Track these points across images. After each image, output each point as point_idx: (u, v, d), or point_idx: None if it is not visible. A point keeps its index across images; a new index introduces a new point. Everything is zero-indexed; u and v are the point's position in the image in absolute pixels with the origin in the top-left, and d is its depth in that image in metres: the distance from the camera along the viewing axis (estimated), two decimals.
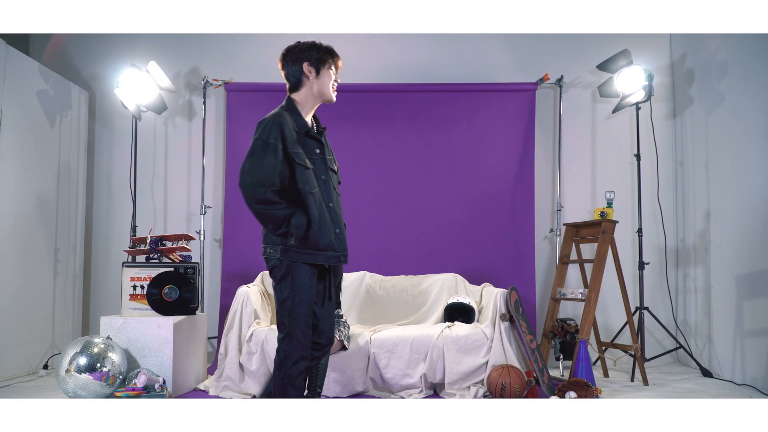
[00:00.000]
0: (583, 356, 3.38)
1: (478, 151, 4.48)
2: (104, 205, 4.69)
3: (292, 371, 2.12)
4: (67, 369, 2.99)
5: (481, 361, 3.37)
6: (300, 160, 2.15)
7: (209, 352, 4.41)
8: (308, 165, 2.18)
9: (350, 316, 3.99)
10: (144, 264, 3.39)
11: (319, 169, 2.24)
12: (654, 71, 4.23)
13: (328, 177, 2.27)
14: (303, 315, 2.14)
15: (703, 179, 4.21)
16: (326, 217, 2.20)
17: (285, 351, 2.13)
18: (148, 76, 4.12)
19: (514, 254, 4.41)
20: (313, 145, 2.25)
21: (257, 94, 4.53)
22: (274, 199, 2.08)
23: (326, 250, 2.19)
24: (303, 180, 2.15)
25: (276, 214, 2.08)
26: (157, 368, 3.19)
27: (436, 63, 4.66)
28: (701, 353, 4.17)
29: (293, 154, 2.14)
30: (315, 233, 2.14)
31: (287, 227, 2.09)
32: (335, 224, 2.23)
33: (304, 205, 2.14)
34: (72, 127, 4.40)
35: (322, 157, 2.26)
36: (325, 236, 2.17)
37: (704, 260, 4.17)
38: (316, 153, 2.24)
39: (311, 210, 2.14)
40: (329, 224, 2.20)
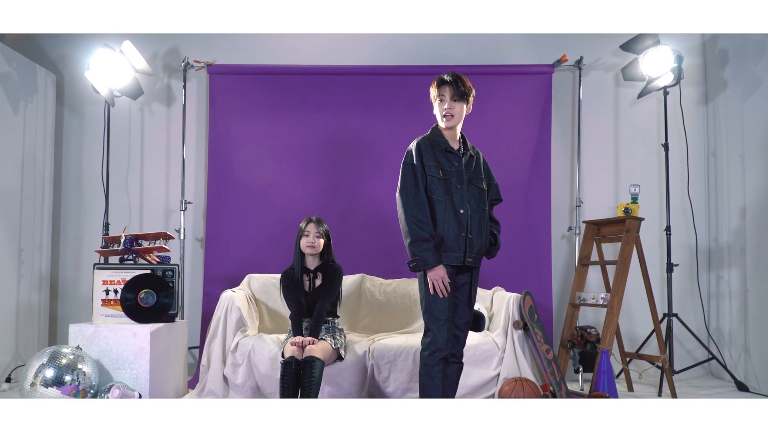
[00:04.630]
0: (605, 368, 3.37)
1: (489, 141, 4.45)
2: (73, 200, 4.67)
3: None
4: (32, 382, 2.98)
5: (491, 374, 3.36)
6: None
7: (190, 364, 4.40)
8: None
9: (346, 323, 3.98)
10: (118, 266, 3.38)
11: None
12: (684, 52, 4.22)
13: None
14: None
15: (738, 172, 4.20)
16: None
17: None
18: (122, 57, 4.10)
19: (528, 255, 4.40)
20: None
21: (243, 78, 4.51)
22: None
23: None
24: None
25: None
26: (132, 381, 3.18)
27: (441, 43, 4.64)
28: (736, 365, 4.16)
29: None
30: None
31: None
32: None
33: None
34: (38, 114, 4.38)
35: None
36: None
37: (740, 262, 4.16)
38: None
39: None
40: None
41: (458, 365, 2.63)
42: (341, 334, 3.35)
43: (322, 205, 4.34)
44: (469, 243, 2.58)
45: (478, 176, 2.70)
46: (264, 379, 3.35)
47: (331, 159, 4.51)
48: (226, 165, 4.48)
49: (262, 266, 4.24)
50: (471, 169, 2.68)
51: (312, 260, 3.38)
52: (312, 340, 3.08)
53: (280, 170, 4.49)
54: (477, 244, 2.61)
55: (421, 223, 2.51)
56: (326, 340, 3.15)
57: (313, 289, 3.33)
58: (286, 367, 2.93)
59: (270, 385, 3.33)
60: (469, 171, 2.66)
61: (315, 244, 3.32)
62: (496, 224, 2.80)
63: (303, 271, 3.37)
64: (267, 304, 3.97)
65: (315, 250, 3.33)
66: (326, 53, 4.60)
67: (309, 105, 4.52)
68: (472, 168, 2.69)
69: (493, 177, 2.82)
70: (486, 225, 2.69)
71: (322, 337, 3.19)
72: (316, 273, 3.36)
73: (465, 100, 2.67)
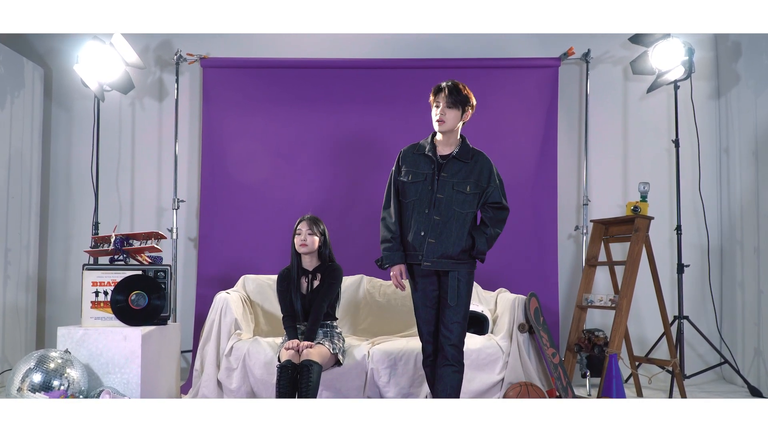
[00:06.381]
0: (614, 373, 3.37)
1: (492, 137, 4.46)
2: (62, 198, 4.67)
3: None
4: (19, 387, 2.98)
5: (495, 378, 3.36)
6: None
7: (183, 368, 4.40)
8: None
9: (345, 326, 3.98)
10: (108, 266, 3.37)
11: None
12: (695, 44, 4.21)
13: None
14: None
15: (751, 169, 4.20)
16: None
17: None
18: (113, 50, 4.10)
19: (533, 255, 4.40)
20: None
21: (238, 71, 4.51)
22: None
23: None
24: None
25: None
26: (122, 386, 3.17)
27: (443, 35, 4.63)
28: (749, 369, 4.16)
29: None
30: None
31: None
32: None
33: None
34: (25, 109, 4.38)
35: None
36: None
37: (753, 262, 4.16)
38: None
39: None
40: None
41: (452, 367, 2.76)
42: (339, 338, 3.35)
43: (319, 203, 4.34)
44: (429, 246, 2.76)
45: (465, 181, 2.81)
46: (259, 383, 3.35)
47: (330, 155, 4.51)
48: (221, 162, 4.48)
49: (258, 267, 4.23)
50: (455, 174, 2.81)
51: (309, 260, 3.37)
52: (309, 344, 3.08)
53: (276, 167, 4.48)
54: (440, 249, 2.75)
55: (388, 225, 2.87)
56: (324, 345, 3.15)
57: (311, 291, 3.32)
58: (282, 372, 2.92)
59: (265, 390, 3.33)
60: (452, 175, 2.80)
61: (308, 242, 3.31)
62: (488, 227, 2.84)
63: (300, 272, 3.36)
64: (263, 306, 3.97)
65: (308, 248, 3.32)
66: (324, 46, 4.60)
67: (307, 100, 4.51)
68: (458, 172, 2.82)
69: (494, 181, 2.86)
70: (462, 230, 2.78)
71: (319, 341, 3.19)
72: (314, 274, 3.35)
73: (459, 108, 2.83)
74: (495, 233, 2.85)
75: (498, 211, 2.86)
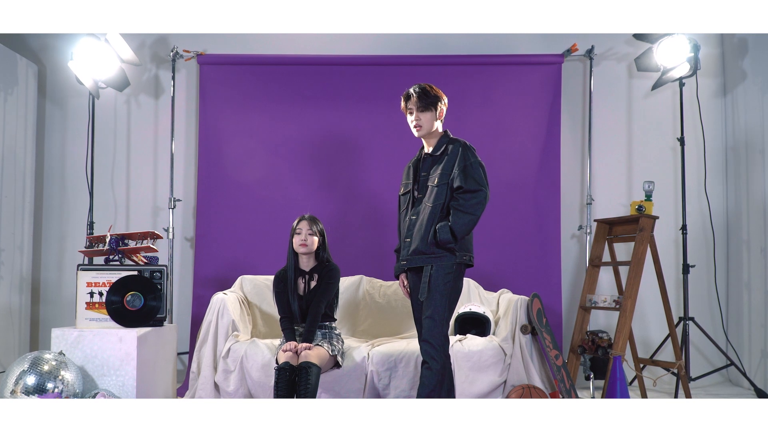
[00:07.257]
0: (618, 375, 3.35)
1: (495, 135, 4.46)
2: (56, 197, 4.67)
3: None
4: (12, 390, 2.98)
5: (497, 381, 3.36)
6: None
7: (179, 370, 4.40)
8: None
9: (344, 327, 3.98)
10: (103, 267, 3.37)
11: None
12: (700, 41, 4.21)
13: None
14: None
15: (758, 167, 4.19)
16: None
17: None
18: (108, 46, 4.10)
19: (536, 255, 4.39)
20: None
21: (235, 68, 4.50)
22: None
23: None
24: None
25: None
26: (117, 389, 3.17)
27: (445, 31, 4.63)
28: (756, 371, 4.16)
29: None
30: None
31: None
32: None
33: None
34: (18, 107, 4.37)
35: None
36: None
37: (760, 262, 4.15)
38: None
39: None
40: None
41: (425, 364, 2.79)
42: (338, 339, 3.35)
43: (317, 202, 4.34)
44: (405, 245, 2.91)
45: (432, 175, 2.88)
46: (257, 386, 3.34)
47: (329, 154, 4.50)
48: (217, 160, 4.47)
49: (255, 267, 4.23)
50: (428, 170, 2.90)
51: (306, 261, 3.37)
52: (307, 345, 3.08)
53: (273, 166, 4.48)
54: (412, 245, 2.85)
55: (399, 237, 3.04)
56: (323, 346, 3.15)
57: (308, 292, 3.32)
58: (280, 374, 2.92)
59: (263, 393, 3.33)
60: (427, 172, 2.90)
61: (308, 242, 3.31)
62: (453, 214, 2.76)
63: (297, 272, 3.36)
64: (260, 308, 3.97)
65: (308, 249, 3.32)
66: (323, 42, 4.59)
67: (305, 97, 4.51)
68: (431, 168, 2.90)
69: (459, 165, 2.81)
70: (428, 222, 2.82)
71: (318, 343, 3.19)
72: (312, 274, 3.35)
73: (432, 109, 2.91)
74: (463, 221, 2.75)
75: (464, 196, 2.77)
